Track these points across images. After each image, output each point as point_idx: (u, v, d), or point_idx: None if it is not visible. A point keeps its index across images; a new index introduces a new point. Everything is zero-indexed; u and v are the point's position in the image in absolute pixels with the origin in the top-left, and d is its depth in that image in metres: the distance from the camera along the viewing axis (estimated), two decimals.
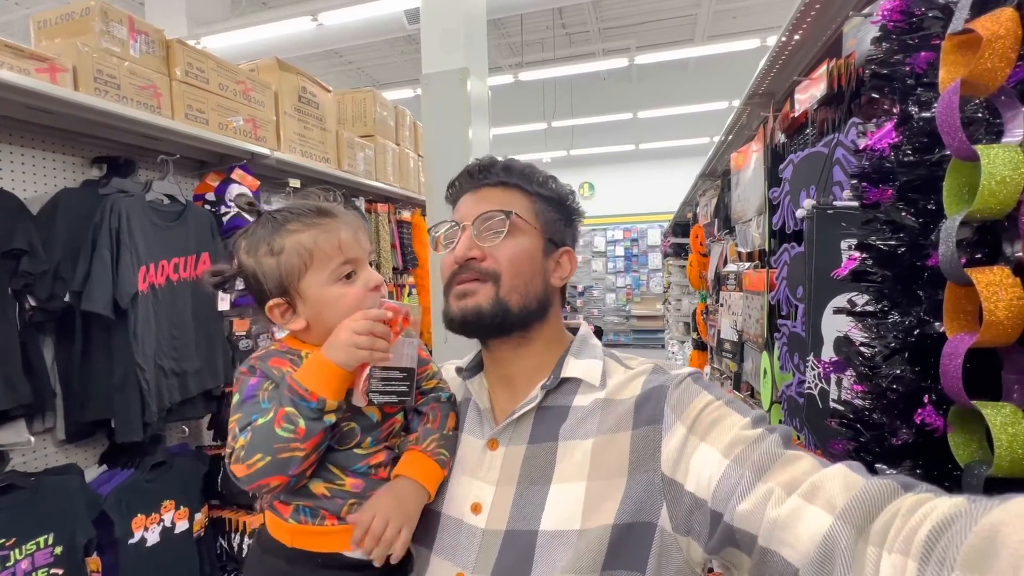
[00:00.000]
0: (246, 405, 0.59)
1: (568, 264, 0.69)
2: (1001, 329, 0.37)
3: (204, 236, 1.58)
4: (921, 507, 0.37)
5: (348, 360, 0.57)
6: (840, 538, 0.40)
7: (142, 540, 1.38)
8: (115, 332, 1.34)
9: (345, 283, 0.63)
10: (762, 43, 5.88)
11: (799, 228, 1.42)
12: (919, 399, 0.47)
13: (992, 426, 0.38)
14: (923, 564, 0.34)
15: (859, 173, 0.70)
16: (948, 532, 0.33)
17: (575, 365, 0.65)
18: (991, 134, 0.51)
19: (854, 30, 1.28)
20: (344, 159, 2.33)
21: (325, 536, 0.60)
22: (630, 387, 0.63)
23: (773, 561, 0.45)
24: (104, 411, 1.35)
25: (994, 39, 0.39)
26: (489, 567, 0.57)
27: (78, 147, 1.46)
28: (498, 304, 0.62)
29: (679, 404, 0.58)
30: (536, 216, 0.67)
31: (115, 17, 1.42)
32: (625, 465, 0.57)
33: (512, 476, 0.61)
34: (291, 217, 0.64)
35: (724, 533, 0.50)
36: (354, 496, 0.61)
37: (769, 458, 0.49)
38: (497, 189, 0.67)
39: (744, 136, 2.51)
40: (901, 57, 0.67)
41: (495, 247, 0.63)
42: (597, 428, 0.60)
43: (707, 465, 0.52)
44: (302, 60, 6.23)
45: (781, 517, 0.45)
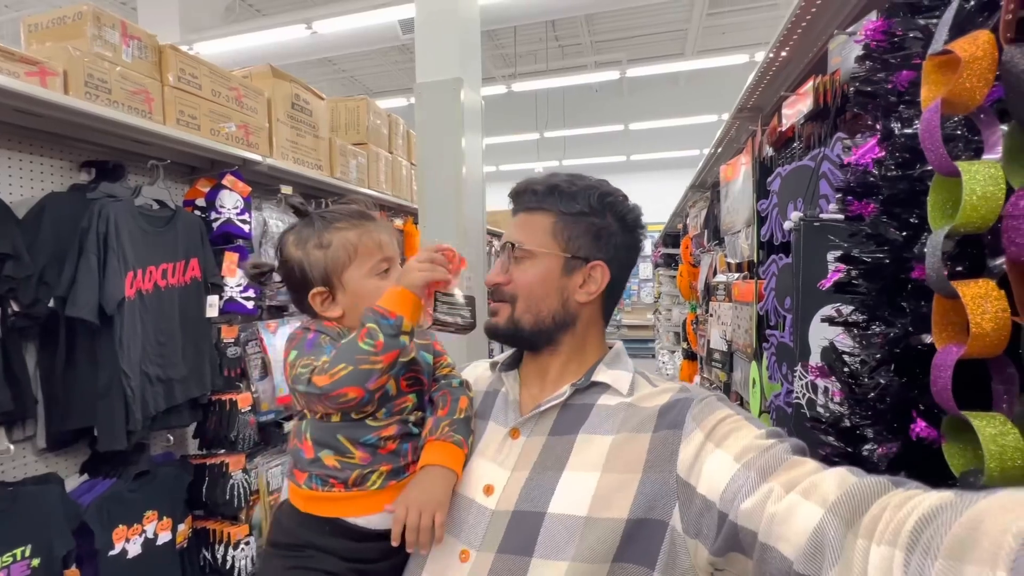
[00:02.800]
0: (309, 351, 0.66)
1: (600, 277, 0.71)
2: (988, 340, 0.38)
3: (194, 242, 1.57)
4: (910, 501, 0.38)
5: (415, 282, 0.64)
6: (829, 530, 0.42)
7: (123, 552, 1.35)
8: (100, 338, 1.32)
9: (381, 277, 0.72)
10: (750, 59, 5.99)
11: (787, 240, 1.44)
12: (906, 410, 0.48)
13: (982, 436, 0.39)
14: (909, 554, 0.35)
15: (844, 187, 0.71)
16: (934, 523, 0.34)
17: (606, 372, 0.70)
18: (970, 150, 0.53)
19: (839, 48, 1.31)
20: (337, 166, 2.33)
21: (332, 502, 0.66)
22: (656, 399, 0.66)
23: (771, 557, 0.46)
24: (87, 419, 1.32)
25: (972, 60, 0.40)
26: (495, 545, 0.60)
27: (67, 151, 1.44)
28: (512, 323, 0.71)
29: (700, 415, 0.61)
30: (556, 236, 0.71)
31: (107, 22, 1.42)
32: (641, 463, 0.60)
33: (528, 463, 0.64)
34: (339, 217, 0.73)
35: (728, 533, 0.51)
36: (360, 467, 0.66)
37: (775, 462, 0.51)
38: (527, 214, 0.73)
39: (733, 149, 2.55)
40: (884, 75, 0.69)
41: (515, 272, 0.71)
42: (619, 427, 0.64)
43: (719, 470, 0.54)
44: (296, 68, 6.23)
45: (779, 513, 0.46)
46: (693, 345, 3.26)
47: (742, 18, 7.01)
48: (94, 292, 1.27)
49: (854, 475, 0.45)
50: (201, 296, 1.59)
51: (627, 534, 0.57)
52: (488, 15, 4.49)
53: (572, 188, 0.72)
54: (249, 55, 5.04)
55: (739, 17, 6.99)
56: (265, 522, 1.74)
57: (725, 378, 2.16)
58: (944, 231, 0.40)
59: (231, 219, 1.67)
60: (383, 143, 2.81)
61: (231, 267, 1.66)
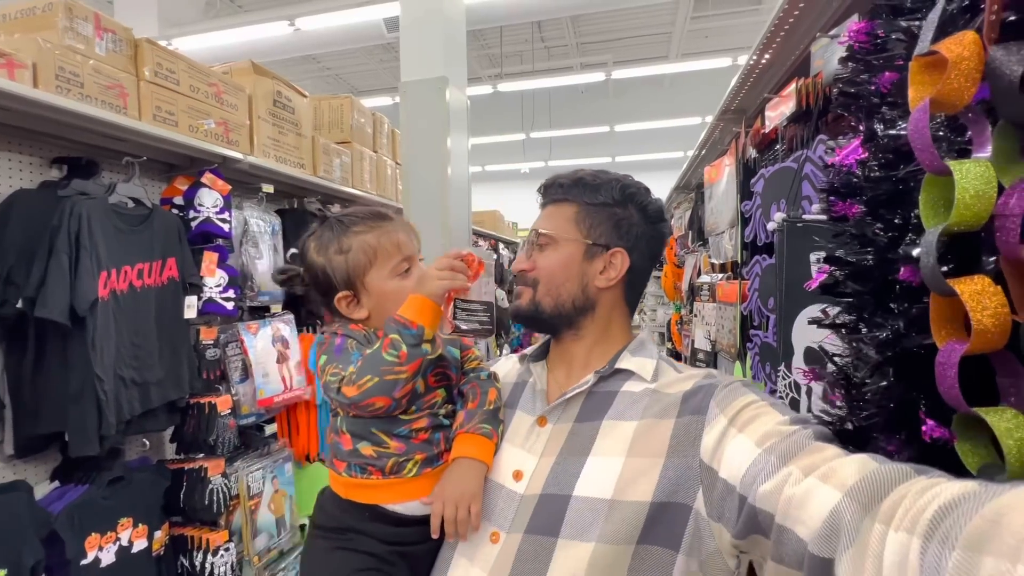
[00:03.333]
0: (338, 357, 0.69)
1: (620, 264, 0.74)
2: (989, 336, 0.37)
3: (171, 241, 1.53)
4: (931, 489, 0.37)
5: (434, 291, 0.66)
6: (845, 513, 0.41)
7: (96, 561, 1.30)
8: (72, 340, 1.27)
9: (403, 278, 0.74)
10: (733, 62, 6.08)
11: (770, 240, 1.45)
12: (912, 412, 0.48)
13: (997, 432, 0.38)
14: (926, 541, 0.34)
15: (828, 188, 0.72)
16: (954, 513, 0.33)
17: (630, 360, 0.72)
18: (953, 152, 0.53)
19: (821, 50, 1.33)
20: (320, 165, 2.30)
21: (370, 489, 0.70)
22: (680, 385, 0.68)
23: (788, 539, 0.46)
24: (57, 424, 1.27)
25: (959, 60, 0.41)
26: (523, 526, 0.63)
27: (36, 147, 1.39)
28: (533, 305, 0.74)
29: (724, 400, 0.62)
30: (578, 224, 0.75)
31: (80, 14, 1.37)
32: (665, 448, 0.61)
33: (555, 449, 0.67)
34: (356, 220, 0.75)
35: (748, 515, 0.51)
36: (396, 456, 0.70)
37: (797, 447, 0.51)
38: (554, 206, 0.77)
39: (717, 151, 2.58)
40: (867, 77, 0.70)
41: (539, 259, 0.75)
42: (643, 412, 0.65)
43: (740, 453, 0.55)
44: (278, 65, 6.14)
45: (797, 495, 0.46)
46: (678, 345, 3.29)
47: (725, 22, 7.11)
48: (65, 293, 1.23)
49: (876, 461, 0.44)
50: (179, 297, 1.54)
51: (651, 517, 0.58)
52: (474, 15, 4.48)
53: (596, 181, 0.75)
54: (230, 52, 4.95)
55: (722, 21, 7.09)
56: (246, 528, 1.70)
57: None
58: (938, 230, 0.40)
59: (210, 218, 1.63)
60: (367, 142, 2.77)
61: (210, 267, 1.62)
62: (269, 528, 1.78)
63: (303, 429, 2.08)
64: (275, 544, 1.80)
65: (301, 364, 1.96)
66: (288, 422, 2.07)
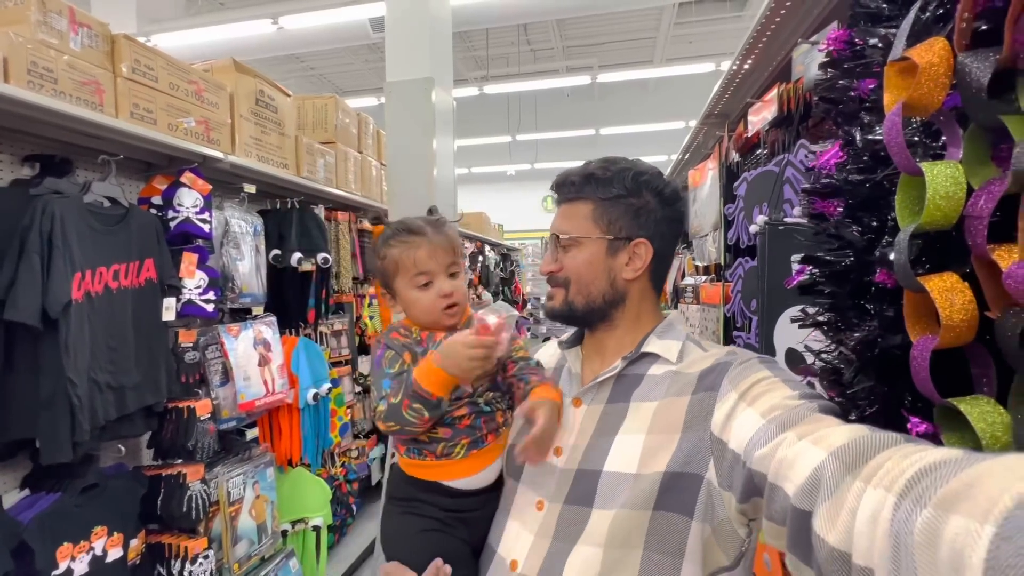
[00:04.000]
0: (376, 371, 0.81)
1: (644, 254, 0.76)
2: (958, 331, 0.39)
3: (148, 241, 1.49)
4: (915, 454, 0.38)
5: (463, 375, 0.73)
6: (828, 469, 0.43)
7: (68, 571, 1.26)
8: (43, 344, 1.23)
9: (421, 290, 0.82)
10: (717, 67, 6.16)
11: (753, 243, 1.47)
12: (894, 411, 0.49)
13: (970, 418, 0.39)
14: (900, 499, 0.35)
15: (808, 189, 0.73)
16: (932, 475, 0.34)
17: (656, 343, 0.75)
18: (928, 156, 0.54)
19: (802, 56, 1.35)
20: (303, 165, 2.27)
21: (426, 468, 0.80)
22: (700, 363, 0.71)
23: (777, 496, 0.49)
24: (28, 430, 1.23)
25: (928, 66, 0.42)
26: (563, 497, 0.70)
27: (7, 144, 1.35)
28: (567, 305, 0.78)
29: (737, 377, 0.65)
30: (597, 221, 0.77)
31: (54, 7, 1.34)
32: (680, 423, 0.66)
33: (589, 428, 0.73)
34: (392, 234, 0.85)
35: (746, 478, 0.55)
36: (445, 441, 0.78)
37: (798, 417, 0.53)
38: (569, 205, 0.79)
39: (701, 154, 2.61)
40: (845, 82, 0.71)
41: (565, 260, 0.78)
42: (664, 392, 0.70)
43: (746, 425, 0.58)
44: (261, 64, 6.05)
45: (788, 456, 0.49)
46: None
47: (709, 28, 7.21)
48: (36, 294, 1.19)
49: (869, 430, 0.46)
50: (157, 298, 1.51)
51: (664, 485, 0.63)
52: (460, 16, 4.47)
53: (607, 174, 0.77)
54: (211, 49, 4.87)
55: (706, 27, 7.19)
56: (226, 535, 1.67)
57: None
58: (910, 229, 0.41)
59: (190, 218, 1.60)
60: (352, 142, 2.75)
61: (189, 268, 1.59)
62: (250, 535, 1.75)
63: (285, 433, 2.05)
64: (256, 551, 1.77)
65: (283, 367, 1.93)
66: (270, 426, 2.03)
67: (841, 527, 0.40)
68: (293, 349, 2.08)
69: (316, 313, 2.29)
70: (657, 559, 0.62)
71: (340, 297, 2.52)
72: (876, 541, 0.36)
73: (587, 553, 0.64)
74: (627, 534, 0.63)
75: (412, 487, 0.81)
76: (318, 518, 2.10)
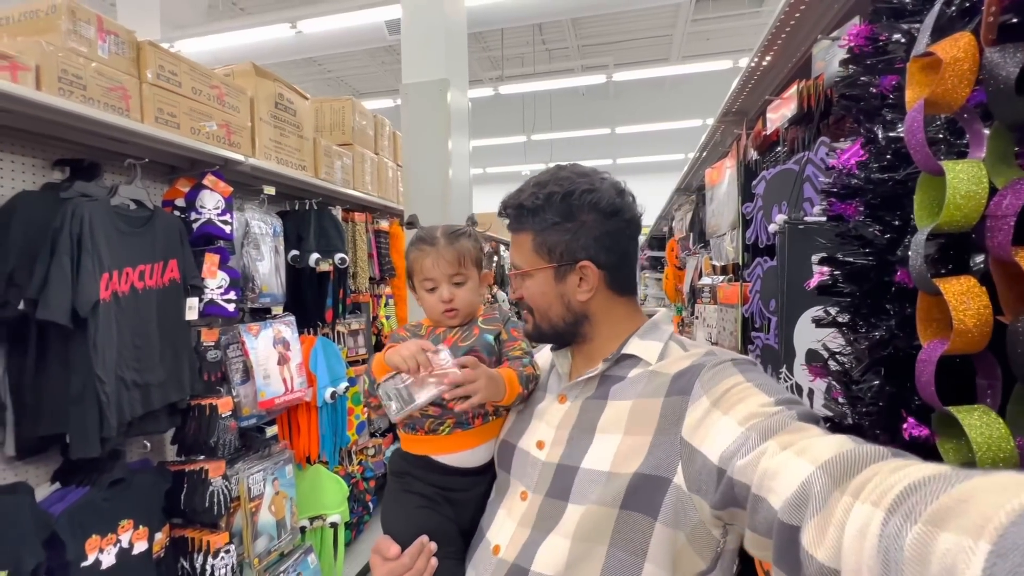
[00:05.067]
0: None
1: (592, 273, 0.76)
2: (970, 337, 0.38)
3: (172, 243, 1.53)
4: (903, 469, 0.38)
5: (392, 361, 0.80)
6: (815, 483, 0.43)
7: (96, 563, 1.30)
8: (73, 342, 1.27)
9: (428, 292, 0.91)
10: (735, 64, 6.08)
11: (772, 243, 1.45)
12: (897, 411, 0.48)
13: (967, 428, 0.39)
14: (889, 514, 0.35)
15: (828, 190, 0.72)
16: (921, 490, 0.34)
17: (637, 344, 0.76)
18: (952, 154, 0.53)
19: (822, 52, 1.33)
20: (321, 167, 2.30)
21: (417, 441, 0.88)
22: (677, 364, 0.72)
23: (761, 508, 0.48)
24: (58, 425, 1.28)
25: (953, 61, 0.41)
26: (544, 489, 0.72)
27: (39, 149, 1.40)
28: (536, 329, 0.82)
29: (710, 382, 0.65)
30: (538, 251, 0.78)
31: (83, 16, 1.38)
32: (653, 426, 0.67)
33: (569, 423, 0.75)
34: (413, 240, 0.94)
35: (725, 487, 0.55)
36: (432, 418, 0.86)
37: (778, 426, 0.53)
38: (514, 234, 0.82)
39: (718, 153, 2.58)
40: (867, 79, 0.70)
41: (522, 290, 0.81)
42: (639, 393, 0.71)
43: (722, 433, 0.58)
44: (280, 67, 6.15)
45: (771, 468, 0.49)
46: None
47: (726, 24, 7.12)
48: (67, 294, 1.23)
49: (854, 442, 0.46)
50: (180, 298, 1.55)
51: (632, 486, 0.64)
52: (475, 17, 4.49)
53: (536, 202, 0.76)
54: (232, 54, 4.97)
55: (723, 23, 7.10)
56: (246, 530, 1.70)
57: None
58: (928, 229, 0.40)
59: (212, 220, 1.64)
60: (369, 144, 2.78)
61: (211, 269, 1.63)
62: (270, 530, 1.78)
63: (304, 431, 2.08)
64: (275, 546, 1.80)
65: (302, 366, 1.96)
66: (289, 424, 2.07)
67: (830, 543, 0.39)
68: (311, 348, 2.11)
69: (334, 313, 2.32)
70: (621, 556, 0.64)
71: (357, 297, 2.55)
72: (864, 557, 0.35)
73: (557, 543, 0.67)
74: (594, 529, 0.65)
75: (406, 462, 0.89)
76: (336, 515, 2.13)
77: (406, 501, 0.86)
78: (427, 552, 0.78)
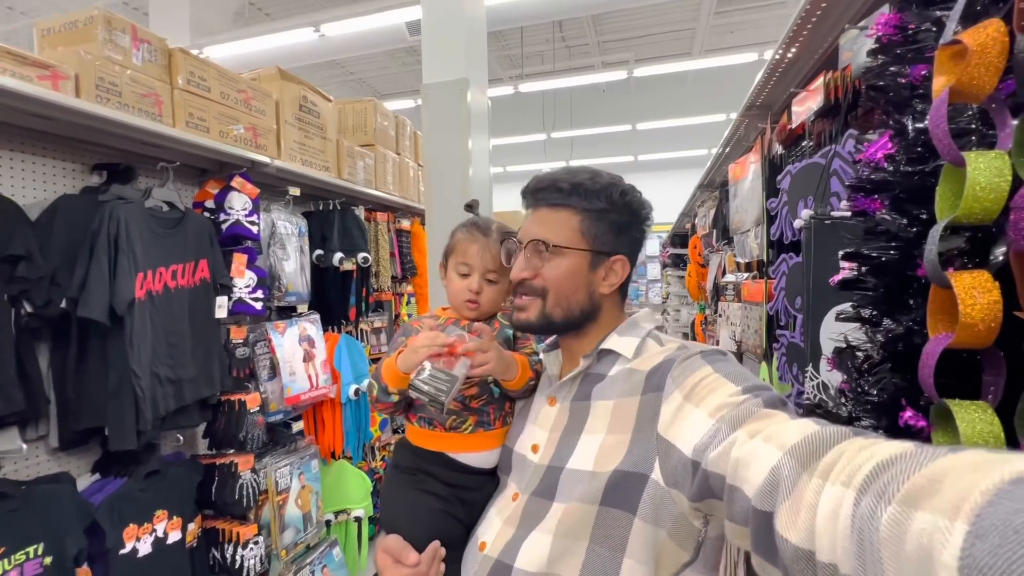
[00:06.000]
0: (390, 350, 0.89)
1: (621, 270, 0.78)
2: (976, 332, 0.37)
3: (203, 243, 1.58)
4: (869, 448, 0.38)
5: (404, 364, 0.79)
6: (784, 469, 0.44)
7: (134, 550, 1.36)
8: (111, 339, 1.33)
9: (459, 276, 0.90)
10: (759, 56, 5.95)
11: (797, 239, 1.42)
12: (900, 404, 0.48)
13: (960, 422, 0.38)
14: (860, 494, 0.35)
15: (855, 184, 0.70)
16: (891, 470, 0.34)
17: (615, 341, 0.77)
18: (984, 144, 0.51)
19: (850, 43, 1.30)
20: (344, 168, 2.34)
21: (435, 438, 0.87)
22: (652, 360, 0.73)
23: (737, 497, 0.49)
24: (98, 419, 1.34)
25: (980, 49, 0.40)
26: (532, 490, 0.74)
27: (78, 154, 1.46)
28: (544, 317, 0.78)
29: (680, 376, 0.67)
30: (583, 233, 0.76)
31: (118, 26, 1.44)
32: (632, 425, 0.68)
33: (560, 426, 0.77)
34: (468, 222, 0.93)
35: (701, 479, 0.56)
36: (454, 414, 0.85)
37: (746, 414, 0.55)
38: (551, 210, 0.78)
39: (742, 148, 2.53)
40: (896, 69, 0.68)
41: (543, 268, 0.77)
42: (619, 392, 0.73)
43: (694, 426, 0.59)
44: (303, 70, 6.27)
45: (742, 457, 0.49)
46: None
47: (750, 16, 6.96)
48: (105, 293, 1.28)
49: (818, 424, 0.47)
50: (210, 297, 1.60)
51: (610, 483, 0.66)
52: (494, 16, 4.50)
53: (595, 186, 0.76)
54: (258, 58, 5.09)
55: (747, 15, 6.94)
56: (274, 522, 1.75)
57: None
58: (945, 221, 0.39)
59: (239, 221, 1.69)
60: (390, 144, 2.81)
61: (239, 268, 1.67)
62: (296, 523, 1.83)
63: (328, 427, 2.12)
64: (302, 538, 1.84)
65: (327, 363, 2.00)
66: (314, 420, 2.12)
67: (802, 525, 0.40)
68: (335, 346, 2.15)
69: (357, 311, 2.36)
70: (600, 552, 0.65)
71: (380, 295, 2.59)
72: (838, 536, 0.36)
73: (539, 539, 0.68)
74: (576, 526, 0.66)
75: (420, 458, 0.87)
76: (359, 509, 2.17)
77: (422, 502, 0.84)
78: (439, 557, 0.79)
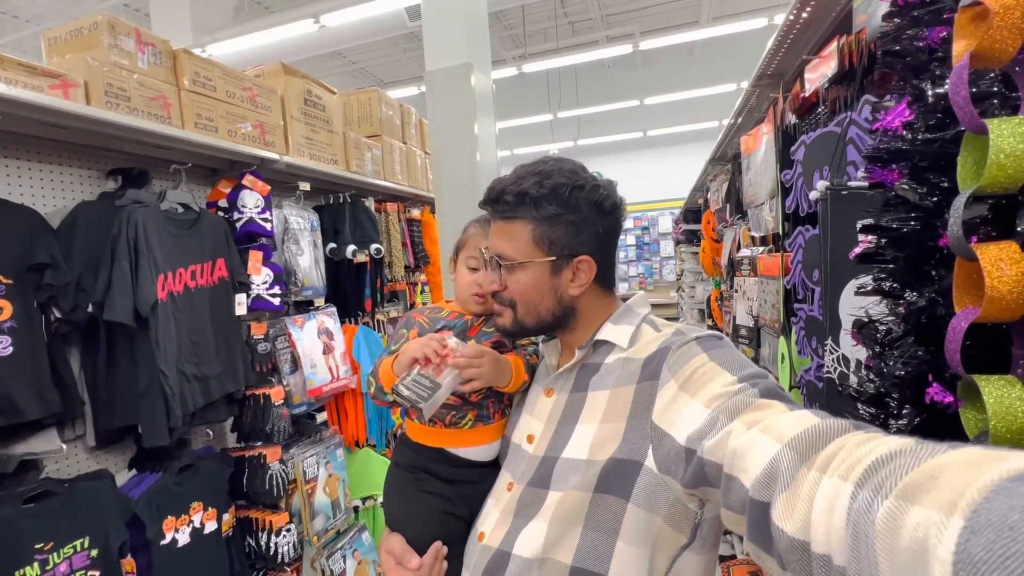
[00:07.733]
0: (391, 341, 0.91)
1: (588, 269, 0.76)
2: (1004, 304, 0.36)
3: (219, 242, 1.61)
4: (868, 443, 0.38)
5: (396, 368, 0.81)
6: (783, 461, 0.44)
7: (173, 541, 1.42)
8: (138, 340, 1.37)
9: (468, 271, 0.90)
10: (769, 22, 5.76)
11: (813, 210, 1.39)
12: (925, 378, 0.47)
13: (985, 395, 0.37)
14: (858, 488, 0.35)
15: (871, 154, 0.68)
16: (889, 465, 0.34)
17: (609, 330, 0.77)
18: (1007, 108, 0.50)
19: (864, 5, 1.25)
20: (352, 160, 2.35)
21: (434, 434, 0.87)
22: (648, 347, 0.73)
23: (734, 487, 0.50)
24: (131, 417, 1.38)
25: (1004, 10, 0.38)
26: (527, 480, 0.75)
27: (93, 160, 1.49)
28: (517, 324, 0.79)
29: (675, 364, 0.67)
30: (538, 243, 0.75)
31: (122, 30, 1.44)
32: (627, 413, 0.69)
33: (555, 416, 0.77)
34: (481, 217, 0.91)
35: (696, 467, 0.56)
36: (454, 410, 0.85)
37: (742, 405, 0.55)
38: (506, 222, 0.77)
39: (754, 118, 2.47)
40: (914, 32, 0.66)
41: (508, 280, 0.77)
42: (615, 381, 0.72)
43: (689, 415, 0.60)
44: (306, 63, 6.25)
45: (740, 447, 0.50)
46: (719, 322, 3.22)
47: None
48: (128, 296, 1.32)
49: (818, 417, 0.47)
50: (229, 295, 1.63)
51: (605, 471, 0.67)
52: None
53: (543, 191, 0.73)
54: (260, 53, 5.08)
55: None
56: (304, 510, 1.81)
57: (752, 354, 2.13)
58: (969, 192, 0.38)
59: (253, 218, 1.71)
60: (396, 134, 2.81)
61: (256, 265, 1.70)
62: (326, 510, 1.88)
63: (351, 416, 2.17)
64: (332, 525, 1.90)
65: (346, 354, 2.04)
66: (337, 410, 2.16)
67: (799, 517, 0.40)
68: (353, 337, 2.19)
69: (372, 302, 2.39)
70: (593, 536, 0.66)
71: (394, 286, 2.61)
72: (833, 529, 0.36)
73: (535, 527, 0.69)
74: (570, 513, 0.67)
75: (421, 456, 0.87)
76: None
77: (424, 504, 0.84)
78: (441, 556, 0.80)
